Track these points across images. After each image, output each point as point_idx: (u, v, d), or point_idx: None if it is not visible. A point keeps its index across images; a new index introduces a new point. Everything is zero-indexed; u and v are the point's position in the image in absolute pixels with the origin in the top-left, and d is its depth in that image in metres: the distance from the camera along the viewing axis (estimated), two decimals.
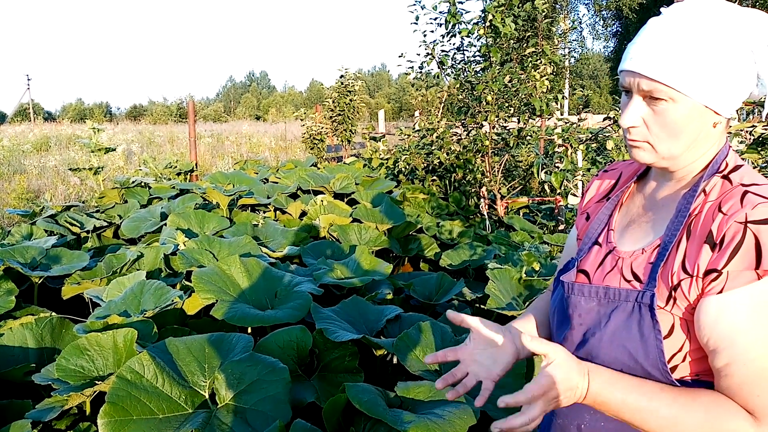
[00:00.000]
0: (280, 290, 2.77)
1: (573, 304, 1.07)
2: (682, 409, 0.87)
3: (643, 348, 0.94)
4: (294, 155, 14.67)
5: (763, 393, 0.84)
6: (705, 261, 0.88)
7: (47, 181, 9.99)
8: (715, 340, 0.87)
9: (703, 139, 0.95)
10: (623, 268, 1.01)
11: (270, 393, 1.87)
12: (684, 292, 0.91)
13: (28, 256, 3.47)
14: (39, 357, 2.42)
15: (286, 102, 64.50)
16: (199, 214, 4.40)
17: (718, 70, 0.90)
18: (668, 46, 0.90)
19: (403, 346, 2.25)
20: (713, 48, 0.89)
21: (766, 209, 0.85)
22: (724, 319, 0.86)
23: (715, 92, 0.90)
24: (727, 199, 0.90)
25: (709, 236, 0.89)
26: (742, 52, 0.90)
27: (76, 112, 58.92)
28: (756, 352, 0.85)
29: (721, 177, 0.95)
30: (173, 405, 1.82)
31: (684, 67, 0.90)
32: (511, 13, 5.42)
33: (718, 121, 0.94)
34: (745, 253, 0.85)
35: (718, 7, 0.91)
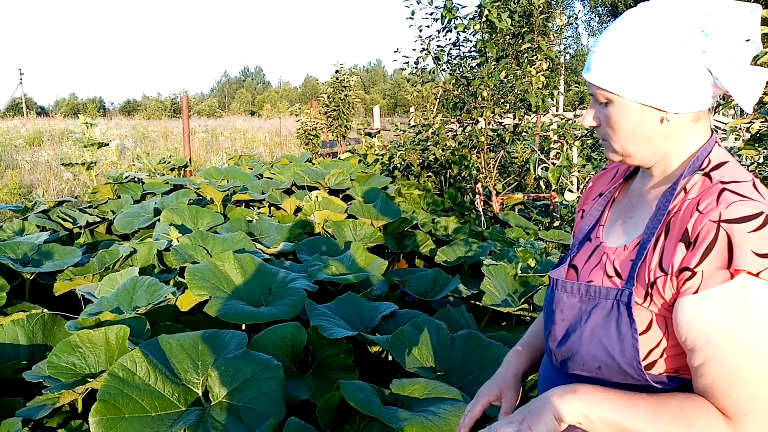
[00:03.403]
0: (274, 287, 2.75)
1: (557, 300, 1.10)
2: (657, 411, 0.87)
3: (620, 346, 0.95)
4: (289, 151, 14.62)
5: (735, 393, 0.84)
6: (679, 259, 0.89)
7: (40, 176, 9.91)
8: (692, 339, 0.88)
9: (655, 135, 0.97)
10: (606, 264, 1.03)
11: (264, 390, 1.85)
12: (660, 290, 0.92)
13: (19, 252, 3.43)
14: (30, 354, 2.39)
15: (280, 97, 64.33)
16: (192, 210, 4.37)
17: (652, 69, 0.92)
18: (606, 52, 0.96)
19: (399, 344, 2.23)
20: (646, 49, 0.92)
21: (740, 208, 0.85)
22: (700, 318, 0.87)
23: (650, 91, 0.93)
24: (705, 197, 0.90)
25: (685, 234, 0.89)
26: (680, 50, 0.91)
27: (70, 106, 58.55)
28: (729, 352, 0.85)
29: (702, 174, 0.95)
30: (166, 403, 1.80)
31: (617, 70, 0.95)
32: (507, 8, 5.41)
33: (665, 117, 0.95)
34: (718, 253, 0.85)
35: (660, 9, 0.93)
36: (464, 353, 2.25)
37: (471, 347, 2.26)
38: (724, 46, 0.90)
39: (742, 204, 0.86)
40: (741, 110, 7.51)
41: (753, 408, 0.83)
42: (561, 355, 1.09)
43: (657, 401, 0.88)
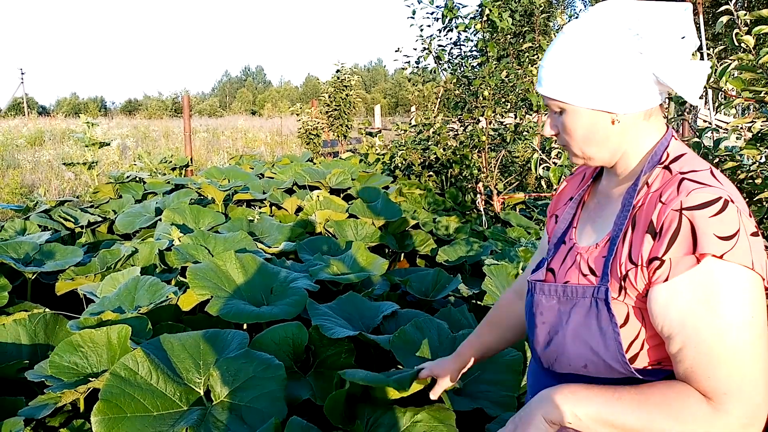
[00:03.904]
0: (275, 286, 2.75)
1: (536, 303, 1.12)
2: (641, 401, 0.89)
3: (603, 342, 0.98)
4: (290, 150, 14.62)
5: (714, 375, 0.86)
6: (647, 250, 0.92)
7: (41, 175, 9.92)
8: (667, 327, 0.91)
9: (609, 137, 1.02)
10: (580, 264, 1.06)
11: (266, 390, 1.86)
12: (632, 282, 0.94)
13: (21, 252, 3.44)
14: (32, 353, 2.39)
15: (281, 97, 64.34)
16: (194, 210, 4.37)
17: (595, 75, 0.97)
18: (552, 65, 1.02)
19: (400, 343, 2.23)
20: (587, 58, 0.98)
21: (699, 195, 0.89)
22: (673, 305, 0.89)
23: (597, 96, 0.98)
24: (666, 188, 0.94)
25: (650, 226, 0.92)
26: (618, 54, 0.96)
27: (71, 106, 58.58)
28: (704, 335, 0.87)
29: (662, 168, 0.99)
30: (168, 402, 1.81)
31: (564, 80, 1.00)
32: (508, 7, 5.41)
33: (615, 119, 1.00)
34: (682, 239, 0.88)
35: (596, 18, 0.99)
36: None
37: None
38: (659, 46, 0.95)
39: (702, 191, 0.89)
40: (743, 110, 7.50)
41: (732, 387, 0.85)
42: (547, 358, 1.10)
43: (641, 392, 0.91)
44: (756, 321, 0.87)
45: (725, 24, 1.95)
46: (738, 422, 0.85)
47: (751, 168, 2.08)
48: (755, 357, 0.86)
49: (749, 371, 0.86)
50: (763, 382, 0.86)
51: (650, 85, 0.98)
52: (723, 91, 1.95)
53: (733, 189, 0.94)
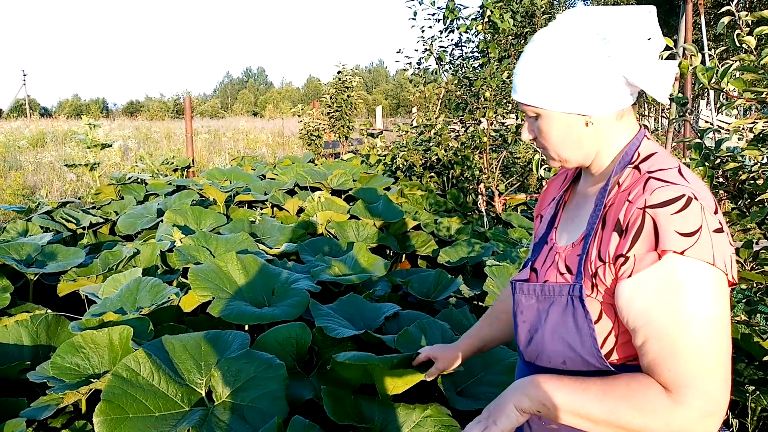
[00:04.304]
0: (277, 287, 2.76)
1: (516, 302, 1.17)
2: (606, 392, 0.93)
3: (580, 338, 1.01)
4: (291, 151, 14.63)
5: (674, 367, 0.89)
6: (614, 247, 0.96)
7: (43, 177, 9.94)
8: (632, 320, 0.94)
9: (584, 138, 1.05)
10: (558, 263, 1.09)
11: (267, 390, 1.86)
12: (601, 279, 0.98)
13: (23, 253, 3.44)
14: (34, 354, 2.40)
15: (283, 98, 64.39)
16: (195, 211, 4.38)
17: (566, 80, 1.00)
18: (525, 72, 1.05)
19: (404, 344, 2.23)
20: (558, 63, 1.01)
21: (662, 193, 0.92)
22: (636, 300, 0.92)
23: (569, 100, 1.01)
24: (634, 187, 0.97)
25: (617, 224, 0.96)
26: (587, 58, 0.99)
27: (73, 107, 58.68)
28: (665, 329, 0.90)
29: (632, 167, 1.02)
30: (169, 403, 1.81)
31: (537, 86, 1.03)
32: (510, 8, 5.41)
33: (588, 121, 1.03)
34: (645, 237, 0.91)
35: (564, 24, 1.02)
36: None
37: None
38: (626, 48, 0.98)
39: (665, 189, 0.92)
40: (744, 110, 7.45)
41: (690, 380, 0.88)
42: (529, 355, 1.14)
43: (606, 383, 0.94)
44: (716, 315, 0.89)
45: (727, 25, 1.95)
46: (696, 415, 0.87)
47: (752, 169, 2.08)
48: (715, 351, 0.88)
49: (709, 365, 0.88)
50: (722, 376, 0.88)
51: (620, 87, 1.01)
52: (724, 92, 1.95)
53: (701, 186, 0.96)
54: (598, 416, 0.92)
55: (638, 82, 0.99)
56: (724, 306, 0.90)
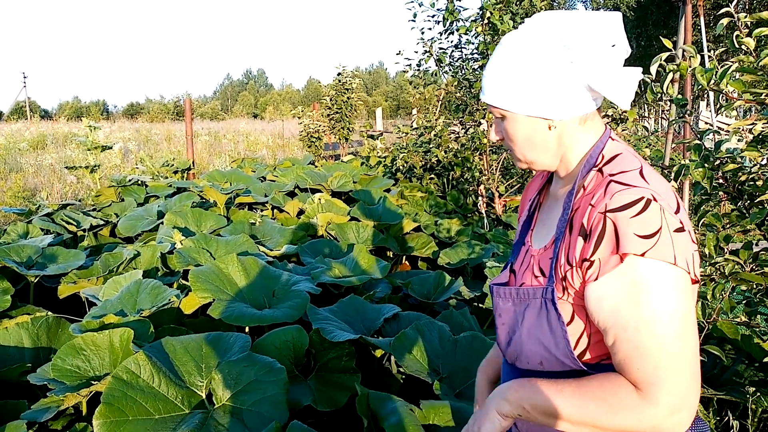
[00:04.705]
0: (277, 289, 2.76)
1: (495, 306, 1.19)
2: (581, 393, 0.95)
3: (554, 340, 1.03)
4: (291, 153, 14.64)
5: (642, 366, 0.91)
6: (579, 251, 0.97)
7: (43, 179, 9.95)
8: (602, 322, 0.96)
9: (547, 142, 1.07)
10: (533, 266, 1.11)
11: (267, 394, 1.86)
12: (570, 282, 1.00)
13: (24, 255, 3.45)
14: (35, 357, 2.40)
15: (283, 100, 64.44)
16: (196, 213, 4.38)
17: (530, 84, 1.02)
18: (492, 74, 1.07)
19: (401, 346, 2.23)
20: (522, 67, 1.03)
21: (622, 197, 0.93)
22: (604, 302, 0.95)
23: (533, 103, 1.03)
24: (596, 190, 0.99)
25: (582, 228, 0.98)
26: (551, 64, 1.01)
27: (73, 110, 58.72)
28: (631, 329, 0.92)
29: (596, 170, 1.03)
30: (170, 405, 1.81)
31: (503, 89, 1.05)
32: (509, 10, 5.41)
33: (551, 125, 1.05)
34: (607, 241, 0.93)
35: (530, 30, 1.04)
36: (467, 356, 2.25)
37: (473, 349, 2.26)
38: (588, 55, 1.00)
39: (624, 192, 0.94)
40: (744, 112, 7.42)
41: (658, 377, 0.90)
42: (510, 357, 1.17)
43: (581, 384, 0.97)
44: (680, 314, 0.91)
45: (726, 26, 1.95)
46: (665, 411, 0.89)
47: (752, 170, 2.08)
48: (680, 348, 0.90)
49: (675, 362, 0.90)
50: (689, 372, 0.90)
51: (583, 93, 1.03)
52: (724, 94, 1.95)
53: (662, 187, 0.97)
54: (574, 417, 0.95)
55: (599, 88, 1.00)
56: (688, 304, 0.92)
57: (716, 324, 2.42)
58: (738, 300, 2.33)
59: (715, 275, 2.06)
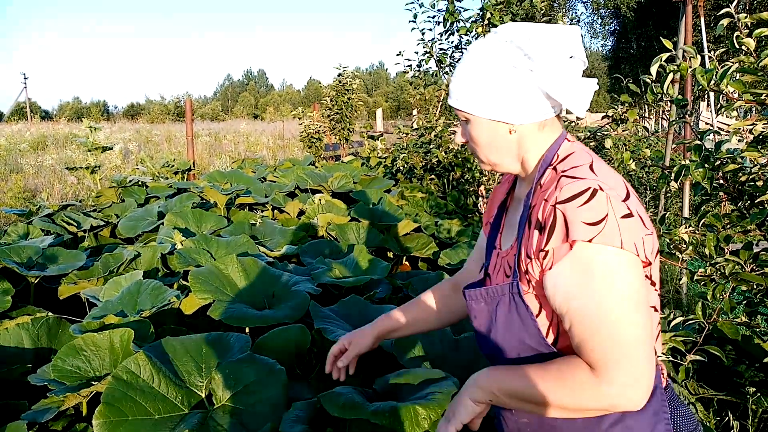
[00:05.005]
0: (278, 290, 2.76)
1: (469, 308, 1.24)
2: (543, 376, 1.02)
3: (527, 331, 1.09)
4: (292, 154, 14.64)
5: (596, 347, 0.97)
6: (536, 243, 1.04)
7: (44, 180, 9.95)
8: (558, 308, 1.02)
9: (508, 145, 1.14)
10: (504, 266, 1.18)
11: (267, 394, 1.86)
12: (532, 274, 1.06)
13: (24, 256, 3.45)
14: (35, 357, 2.40)
15: (283, 100, 64.45)
16: (196, 213, 4.38)
17: (493, 90, 1.09)
18: (459, 80, 1.13)
19: (402, 346, 2.24)
20: (486, 74, 1.09)
21: (570, 188, 1.00)
22: (558, 288, 1.01)
23: (495, 108, 1.10)
24: (550, 186, 1.05)
25: (538, 222, 1.04)
26: (512, 72, 1.07)
27: (73, 110, 58.75)
28: (584, 312, 0.98)
29: (552, 169, 1.10)
30: (169, 405, 1.81)
31: (468, 93, 1.11)
32: (510, 11, 5.41)
33: (512, 129, 1.12)
34: (558, 230, 0.99)
35: (494, 39, 1.10)
36: (468, 355, 2.25)
37: (474, 349, 2.26)
38: (547, 65, 1.06)
39: (572, 184, 1.00)
40: (744, 112, 7.41)
41: (611, 358, 0.96)
42: (489, 356, 1.22)
43: (543, 367, 1.03)
44: (628, 295, 0.96)
45: (726, 26, 1.95)
46: (619, 390, 0.95)
47: (752, 170, 2.08)
48: (631, 328, 0.96)
49: (625, 342, 0.95)
50: (641, 351, 0.96)
51: (542, 100, 1.09)
52: (724, 94, 1.95)
53: (611, 178, 1.04)
54: (537, 398, 1.01)
55: (557, 96, 1.06)
56: (637, 285, 0.98)
57: (716, 324, 2.42)
58: (738, 300, 2.33)
59: (716, 275, 2.06)
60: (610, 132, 5.23)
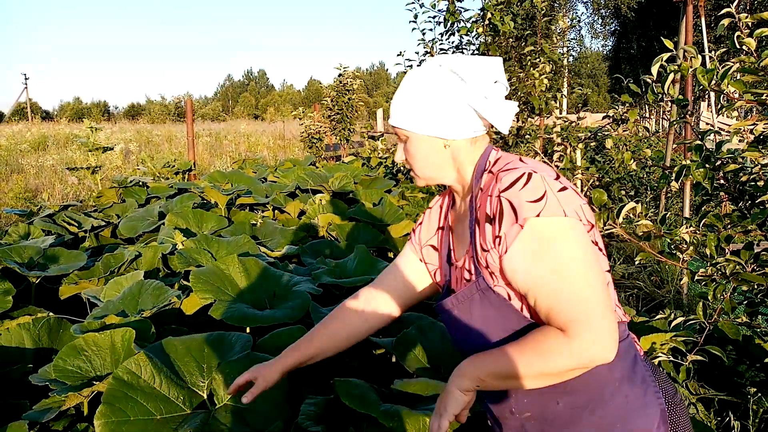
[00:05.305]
0: (278, 290, 2.76)
1: (445, 322, 1.32)
2: (520, 350, 1.09)
3: (505, 317, 1.17)
4: (292, 154, 14.65)
5: (561, 310, 1.06)
6: (490, 234, 1.14)
7: (45, 180, 9.96)
8: (522, 286, 1.12)
9: (444, 159, 1.25)
10: (464, 274, 1.26)
11: (269, 393, 1.85)
12: (492, 264, 1.15)
13: (25, 256, 3.45)
14: (36, 357, 2.40)
15: (284, 101, 64.48)
16: (197, 214, 4.38)
17: (430, 109, 1.20)
18: (399, 101, 1.25)
19: (403, 346, 2.24)
20: (424, 96, 1.21)
21: (508, 177, 1.13)
22: (518, 268, 1.10)
23: (431, 125, 1.21)
24: (490, 184, 1.17)
25: (487, 216, 1.15)
26: (447, 93, 1.19)
27: (74, 111, 58.78)
28: (544, 280, 1.08)
29: (488, 173, 1.21)
30: (171, 406, 1.81)
31: (407, 113, 1.23)
32: (510, 11, 5.41)
33: (447, 144, 1.24)
34: (507, 215, 1.10)
35: (432, 65, 1.22)
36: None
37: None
38: (477, 88, 1.19)
39: (509, 174, 1.13)
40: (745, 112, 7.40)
41: (576, 315, 1.05)
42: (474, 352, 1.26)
43: (519, 342, 1.11)
44: (580, 256, 1.08)
45: (727, 27, 1.95)
46: (588, 344, 1.04)
47: (753, 170, 2.08)
48: (588, 285, 1.06)
49: (586, 298, 1.05)
50: (600, 304, 1.06)
51: (473, 118, 1.21)
52: (725, 94, 1.95)
53: (538, 165, 1.17)
54: (517, 370, 1.09)
55: (486, 115, 1.19)
56: (586, 246, 1.10)
57: (717, 324, 2.42)
58: (739, 300, 2.33)
59: (717, 276, 2.06)
60: (610, 132, 5.23)
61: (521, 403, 1.21)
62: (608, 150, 7.47)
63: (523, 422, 1.22)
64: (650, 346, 2.14)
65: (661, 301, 3.92)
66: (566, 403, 1.16)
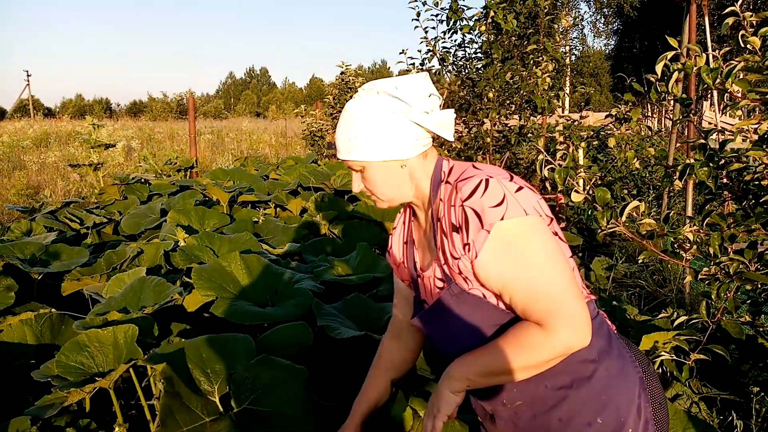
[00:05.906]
0: (280, 287, 2.76)
1: (425, 334, 1.37)
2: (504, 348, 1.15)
3: (486, 315, 1.21)
4: (294, 152, 14.64)
5: (536, 305, 1.12)
6: (458, 242, 1.18)
7: (47, 177, 9.97)
8: (496, 288, 1.17)
9: (403, 177, 1.29)
10: (435, 283, 1.30)
11: (290, 395, 1.84)
12: (464, 270, 1.19)
13: (27, 252, 3.45)
14: (38, 353, 2.40)
15: (286, 98, 64.44)
16: (199, 211, 4.38)
17: (378, 136, 1.23)
18: (345, 136, 1.26)
19: None
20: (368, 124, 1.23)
21: (467, 187, 1.17)
22: (490, 271, 1.15)
23: (384, 151, 1.24)
24: (451, 195, 1.21)
25: (453, 225, 1.19)
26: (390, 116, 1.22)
27: (76, 108, 58.79)
28: (516, 280, 1.13)
29: (445, 183, 1.26)
30: (192, 415, 1.79)
31: (357, 145, 1.24)
32: (513, 9, 5.40)
33: (403, 164, 1.27)
34: (473, 223, 1.15)
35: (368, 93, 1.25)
36: None
37: None
38: (416, 104, 1.23)
39: (468, 183, 1.18)
40: (748, 111, 7.39)
41: (550, 309, 1.11)
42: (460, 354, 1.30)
43: (502, 340, 1.17)
44: (546, 252, 1.14)
45: (731, 26, 1.94)
46: (565, 334, 1.10)
47: (757, 170, 2.07)
48: (559, 278, 1.13)
49: (558, 291, 1.11)
50: (571, 295, 1.12)
51: (420, 133, 1.25)
52: (729, 93, 1.94)
53: (492, 168, 1.22)
54: (502, 366, 1.15)
55: (430, 128, 1.23)
56: (550, 240, 1.16)
57: (720, 323, 2.41)
58: (742, 299, 2.32)
59: (720, 275, 2.06)
60: (613, 131, 5.22)
61: (511, 393, 1.26)
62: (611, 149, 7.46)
63: (516, 410, 1.27)
64: (653, 344, 2.14)
65: (664, 300, 3.92)
66: (552, 386, 1.22)
